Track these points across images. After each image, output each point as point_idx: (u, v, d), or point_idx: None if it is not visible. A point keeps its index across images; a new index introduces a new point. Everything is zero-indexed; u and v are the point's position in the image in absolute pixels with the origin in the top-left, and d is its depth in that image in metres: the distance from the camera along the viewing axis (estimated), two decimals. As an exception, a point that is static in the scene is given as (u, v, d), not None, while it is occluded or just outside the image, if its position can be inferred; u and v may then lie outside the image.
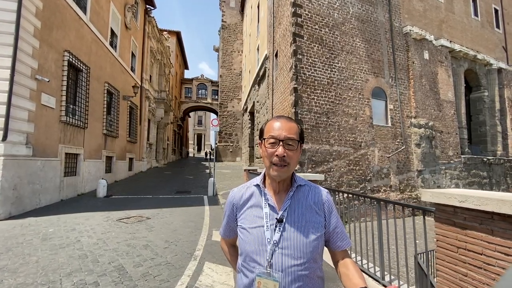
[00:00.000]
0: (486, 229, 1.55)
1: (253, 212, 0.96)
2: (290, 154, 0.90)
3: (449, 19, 14.33)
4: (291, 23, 10.18)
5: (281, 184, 0.97)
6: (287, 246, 0.88)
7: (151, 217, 6.14)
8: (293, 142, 0.91)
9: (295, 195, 0.97)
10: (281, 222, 0.91)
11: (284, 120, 0.94)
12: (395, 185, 11.03)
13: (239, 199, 1.01)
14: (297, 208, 0.94)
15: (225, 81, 30.07)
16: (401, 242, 2.78)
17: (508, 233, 1.43)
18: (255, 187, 1.01)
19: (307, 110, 9.79)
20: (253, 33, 20.65)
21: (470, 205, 1.60)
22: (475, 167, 13.24)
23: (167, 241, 4.41)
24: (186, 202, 8.21)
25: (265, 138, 0.93)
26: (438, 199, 1.83)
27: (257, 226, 0.92)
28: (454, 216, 1.75)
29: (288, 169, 0.91)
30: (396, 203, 2.45)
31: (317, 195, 0.98)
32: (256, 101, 18.11)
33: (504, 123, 15.33)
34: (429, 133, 11.75)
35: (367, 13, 11.51)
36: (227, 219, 1.07)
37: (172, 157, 29.29)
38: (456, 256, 1.72)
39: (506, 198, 1.42)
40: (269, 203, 0.95)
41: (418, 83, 11.94)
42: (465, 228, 1.67)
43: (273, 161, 0.90)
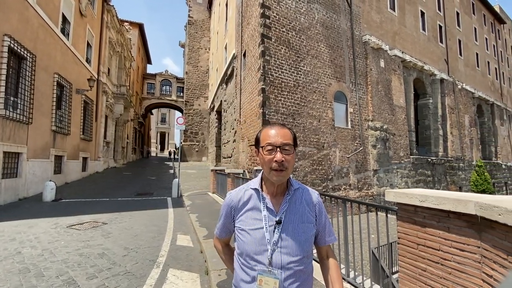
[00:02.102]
0: (443, 227, 1.69)
1: (251, 215, 1.01)
2: (288, 158, 0.96)
3: (401, 32, 15.74)
4: (259, 24, 10.24)
5: (278, 187, 1.03)
6: (285, 245, 0.96)
7: (108, 222, 5.67)
8: (289, 147, 0.97)
9: (292, 198, 1.04)
10: (280, 224, 0.98)
11: (278, 127, 1.00)
12: (354, 183, 11.76)
13: (237, 202, 1.06)
14: (294, 210, 1.02)
15: (191, 78, 29.18)
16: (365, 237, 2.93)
17: (463, 230, 1.57)
18: (253, 190, 1.06)
19: (274, 111, 9.94)
20: (221, 31, 20.36)
21: (429, 205, 1.74)
22: (421, 167, 14.76)
23: (127, 248, 4.10)
24: (148, 205, 7.76)
25: (263, 146, 0.98)
26: (401, 198, 1.96)
27: (257, 228, 0.98)
28: (415, 215, 1.89)
29: (287, 172, 0.98)
30: (361, 202, 2.58)
31: (309, 197, 1.08)
32: (223, 100, 17.89)
33: (445, 127, 17.33)
34: (384, 135, 12.77)
35: (331, 20, 12.09)
36: (224, 220, 1.11)
37: (132, 157, 27.55)
38: (416, 252, 1.86)
39: (461, 198, 1.57)
40: (267, 206, 1.01)
41: (375, 89, 12.90)
42: (425, 226, 1.81)
43: (272, 167, 0.95)
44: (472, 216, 1.49)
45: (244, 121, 12.05)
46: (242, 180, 6.54)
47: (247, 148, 11.30)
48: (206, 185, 12.16)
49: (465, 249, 1.54)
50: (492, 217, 1.32)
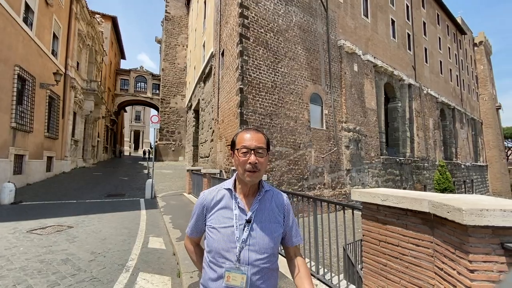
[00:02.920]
0: (402, 224, 1.81)
1: (223, 213, 1.06)
2: (261, 160, 1.03)
3: (374, 38, 16.51)
4: (238, 23, 10.21)
5: (251, 188, 1.09)
6: (254, 243, 1.01)
7: (74, 225, 5.35)
8: (263, 150, 1.04)
9: (262, 199, 1.10)
10: (249, 223, 1.03)
11: (253, 132, 1.07)
12: (328, 182, 12.15)
13: (210, 201, 1.10)
14: (264, 210, 1.08)
15: (167, 75, 28.37)
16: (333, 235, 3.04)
17: (418, 227, 1.70)
18: (226, 190, 1.11)
19: (252, 111, 9.97)
20: (199, 28, 20.02)
21: (390, 203, 1.85)
22: (391, 167, 15.61)
23: (94, 253, 3.90)
24: (119, 207, 7.43)
25: (238, 149, 1.04)
26: (365, 198, 2.07)
27: (227, 226, 1.02)
28: (377, 213, 2.00)
29: (259, 174, 1.04)
30: (330, 202, 2.68)
31: (279, 199, 1.15)
32: (201, 99, 17.61)
33: (412, 129, 18.47)
34: (357, 137, 13.33)
35: (308, 24, 12.37)
36: (196, 219, 1.14)
37: (103, 156, 26.19)
38: (378, 248, 1.97)
39: (417, 197, 1.69)
40: (239, 205, 1.06)
41: (348, 92, 13.41)
42: (386, 224, 1.92)
43: (246, 168, 1.02)
44: (426, 213, 1.62)
45: (222, 121, 11.96)
46: (218, 180, 6.49)
47: (224, 148, 11.23)
48: (182, 186, 11.90)
49: (420, 244, 1.67)
50: (442, 214, 1.45)
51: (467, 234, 1.31)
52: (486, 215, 1.26)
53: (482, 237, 1.29)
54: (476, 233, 1.30)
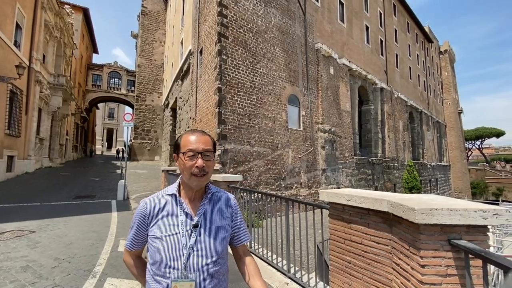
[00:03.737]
0: (364, 223, 1.91)
1: (167, 221, 1.01)
2: (208, 164, 1.01)
3: (349, 43, 17.14)
4: (216, 22, 10.12)
5: (197, 192, 1.06)
6: (201, 248, 0.98)
7: (36, 230, 5.01)
8: (210, 153, 1.02)
9: (209, 202, 1.08)
10: (197, 227, 1.00)
11: (199, 134, 1.03)
12: (305, 182, 12.43)
13: (152, 209, 1.03)
14: (211, 213, 1.06)
15: (143, 71, 27.39)
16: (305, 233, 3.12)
17: (379, 226, 1.80)
18: (170, 196, 1.05)
19: (230, 111, 9.93)
20: (177, 25, 19.55)
21: (353, 203, 1.95)
22: (363, 166, 16.31)
23: (57, 259, 3.68)
24: (88, 209, 7.07)
25: (184, 152, 0.99)
26: (332, 198, 2.16)
27: (173, 234, 0.98)
28: (343, 213, 2.10)
29: (207, 177, 1.02)
30: (301, 202, 2.76)
31: (226, 200, 1.13)
32: (179, 97, 17.22)
33: (383, 131, 19.43)
34: (332, 137, 13.78)
35: (287, 26, 12.56)
36: (137, 230, 1.06)
37: (73, 155, 24.71)
38: (343, 246, 2.06)
39: (378, 197, 1.79)
40: (185, 211, 1.02)
41: (325, 94, 13.82)
42: (350, 223, 2.02)
43: (193, 172, 0.98)
44: (385, 213, 1.72)
45: (200, 120, 11.79)
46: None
47: (202, 147, 11.06)
48: (157, 186, 11.56)
49: (380, 242, 1.78)
50: (399, 213, 1.55)
51: (419, 232, 1.42)
52: (435, 214, 1.37)
53: (431, 235, 1.41)
54: (426, 231, 1.41)
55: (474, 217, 1.36)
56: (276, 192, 10.99)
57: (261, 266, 3.13)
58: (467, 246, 1.29)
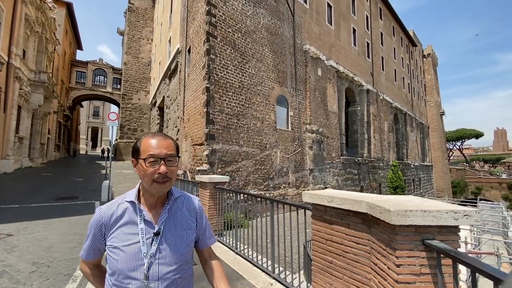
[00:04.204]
0: (345, 224, 1.96)
1: (126, 230, 0.96)
2: (172, 169, 0.96)
3: (336, 45, 17.42)
4: (205, 21, 10.04)
5: (158, 198, 1.01)
6: (163, 255, 0.95)
7: (14, 233, 4.82)
8: (173, 158, 0.97)
9: (172, 208, 1.03)
10: (158, 235, 0.96)
11: (161, 138, 0.98)
12: (293, 182, 12.55)
13: (109, 218, 0.98)
14: (174, 219, 1.02)
15: (130, 69, 26.79)
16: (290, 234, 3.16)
17: (358, 226, 1.85)
18: (129, 203, 1.00)
19: (219, 111, 9.88)
20: (165, 23, 19.25)
21: (335, 205, 1.99)
22: (350, 166, 16.63)
23: (36, 263, 3.55)
24: (70, 211, 6.85)
25: (145, 158, 0.93)
26: (314, 199, 2.19)
27: (132, 243, 0.94)
28: (325, 214, 2.14)
29: (170, 183, 0.97)
30: (285, 203, 2.79)
31: (190, 204, 1.10)
32: (166, 96, 16.98)
33: (369, 132, 19.88)
34: (319, 138, 13.97)
35: (276, 27, 12.63)
36: (93, 240, 1.00)
37: (55, 155, 23.87)
38: (325, 247, 2.11)
39: (358, 198, 1.84)
40: (145, 218, 0.97)
41: (312, 95, 13.99)
42: (332, 223, 2.07)
43: (155, 178, 0.93)
44: (364, 214, 1.77)
45: (187, 120, 11.67)
46: (180, 182, 6.32)
47: (190, 147, 10.97)
48: (143, 187, 11.34)
49: (360, 242, 1.83)
50: (376, 215, 1.60)
51: (394, 232, 1.47)
52: (410, 216, 1.42)
53: (406, 235, 1.46)
54: (402, 232, 1.46)
55: (446, 218, 1.42)
56: (264, 192, 11.03)
57: (246, 267, 3.14)
58: (439, 246, 1.35)
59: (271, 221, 2.92)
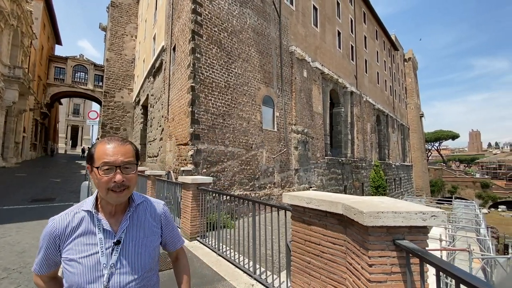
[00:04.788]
0: (323, 224, 2.00)
1: (83, 241, 0.91)
2: (129, 177, 0.91)
3: (322, 47, 17.72)
4: (190, 19, 9.92)
5: (118, 206, 0.96)
6: (125, 265, 0.91)
7: (-17, 238, 4.55)
8: (131, 165, 0.92)
9: (133, 215, 0.99)
10: (119, 244, 0.92)
11: (117, 143, 0.92)
12: (278, 182, 12.65)
13: (63, 229, 0.92)
14: (136, 227, 0.98)
15: (113, 66, 25.95)
16: (272, 234, 3.19)
17: (335, 227, 1.90)
18: (86, 212, 0.95)
19: (204, 110, 9.80)
20: (150, 19, 18.83)
21: (313, 206, 2.03)
22: (334, 166, 16.97)
23: (7, 269, 3.38)
24: (46, 213, 6.56)
25: (99, 167, 0.88)
26: (293, 201, 2.23)
27: (90, 254, 0.89)
28: (304, 215, 2.18)
29: (129, 191, 0.93)
30: (266, 204, 2.81)
31: (154, 209, 1.06)
32: (150, 94, 16.61)
33: (353, 133, 20.37)
34: (304, 138, 14.16)
35: (262, 28, 12.67)
36: (46, 253, 0.94)
37: (31, 154, 22.76)
38: (304, 247, 2.14)
39: (334, 200, 1.88)
40: (104, 227, 0.93)
41: (298, 96, 14.15)
42: (310, 224, 2.10)
43: (110, 187, 0.88)
44: (341, 215, 1.82)
45: (172, 119, 11.48)
46: (163, 182, 6.22)
47: (174, 147, 10.80)
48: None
49: (336, 243, 1.87)
50: (351, 216, 1.65)
51: (367, 233, 1.52)
52: (381, 217, 1.48)
53: (379, 235, 1.52)
54: (374, 232, 1.51)
55: (415, 219, 1.49)
56: (250, 193, 11.05)
57: (228, 268, 3.14)
58: (408, 246, 1.41)
59: (253, 222, 2.93)
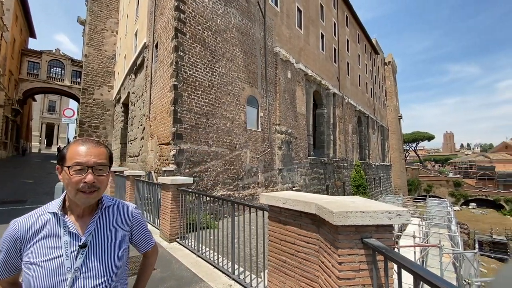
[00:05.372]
0: (297, 224, 2.05)
1: (47, 244, 0.89)
2: (101, 179, 0.91)
3: (306, 49, 18.00)
4: (173, 17, 9.75)
5: (86, 208, 0.96)
6: (91, 268, 0.90)
7: None
8: (104, 167, 0.92)
9: (101, 217, 0.98)
10: (85, 247, 0.91)
11: (91, 145, 0.93)
12: (262, 182, 12.72)
13: (26, 231, 0.90)
14: (103, 229, 0.97)
15: (92, 62, 24.96)
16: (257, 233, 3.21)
17: (309, 227, 1.95)
18: (51, 215, 0.93)
19: (187, 109, 9.67)
20: (132, 15, 18.29)
21: (288, 206, 2.08)
22: (316, 166, 17.31)
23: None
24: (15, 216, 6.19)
25: (70, 166, 0.88)
26: (270, 201, 2.26)
27: (53, 258, 0.88)
28: (280, 215, 2.22)
29: (99, 193, 0.93)
30: (245, 204, 2.84)
31: (124, 212, 1.07)
32: (131, 92, 16.14)
33: (335, 133, 20.87)
34: (288, 139, 14.34)
35: (247, 28, 12.68)
36: (6, 256, 0.91)
37: (1, 154, 21.42)
38: (280, 247, 2.19)
39: (308, 200, 1.94)
40: (70, 230, 0.92)
41: (282, 96, 14.30)
42: (286, 224, 2.15)
43: (80, 188, 0.88)
44: (314, 215, 1.88)
45: (154, 118, 11.24)
46: (143, 183, 6.08)
47: (156, 147, 10.58)
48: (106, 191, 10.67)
49: (310, 242, 1.93)
50: (323, 216, 1.71)
51: (337, 232, 1.58)
52: (350, 216, 1.54)
53: (347, 234, 1.58)
54: (343, 231, 1.58)
55: (382, 218, 1.57)
56: (234, 193, 11.04)
57: (207, 269, 3.13)
58: (374, 244, 1.48)
59: (231, 223, 2.94)
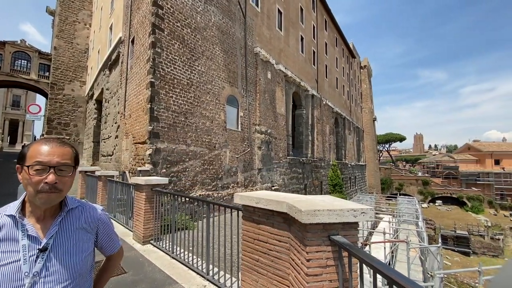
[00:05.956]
0: (270, 223, 2.09)
1: (3, 248, 0.86)
2: (64, 180, 0.88)
3: (285, 50, 18.25)
4: (151, 12, 9.46)
5: (48, 210, 0.92)
6: (52, 273, 0.87)
7: None
8: (67, 168, 0.89)
9: (64, 220, 0.95)
10: (45, 251, 0.88)
11: (54, 144, 0.90)
12: (241, 181, 12.72)
13: None
14: (66, 232, 0.95)
15: (62, 56, 23.52)
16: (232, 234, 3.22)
17: (281, 225, 2.00)
18: (8, 217, 0.89)
19: (164, 107, 9.43)
20: (106, 8, 17.48)
21: (261, 205, 2.11)
22: (295, 166, 17.63)
23: None
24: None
25: (30, 165, 0.85)
26: (244, 201, 2.29)
27: (9, 263, 0.84)
28: (253, 214, 2.25)
29: (60, 195, 0.90)
30: (220, 204, 2.84)
31: (89, 214, 1.04)
32: (105, 88, 15.45)
33: (313, 134, 21.38)
34: (268, 139, 14.47)
35: (227, 27, 12.61)
36: None
37: (-46, 151, 19.54)
38: (253, 246, 2.22)
39: (280, 199, 1.98)
40: (28, 233, 0.88)
41: (262, 97, 14.40)
42: (259, 223, 2.18)
43: (39, 188, 0.85)
44: (285, 213, 1.93)
45: (129, 115, 10.84)
46: (116, 184, 5.85)
47: (131, 146, 10.22)
48: (73, 190, 10.14)
49: (281, 240, 1.98)
50: (293, 214, 1.76)
51: (306, 230, 1.64)
52: (318, 215, 1.61)
53: (316, 232, 1.65)
54: (312, 229, 1.64)
55: (347, 216, 1.65)
56: (213, 193, 10.95)
57: (181, 271, 3.10)
58: (340, 240, 1.56)
59: (207, 223, 2.93)
